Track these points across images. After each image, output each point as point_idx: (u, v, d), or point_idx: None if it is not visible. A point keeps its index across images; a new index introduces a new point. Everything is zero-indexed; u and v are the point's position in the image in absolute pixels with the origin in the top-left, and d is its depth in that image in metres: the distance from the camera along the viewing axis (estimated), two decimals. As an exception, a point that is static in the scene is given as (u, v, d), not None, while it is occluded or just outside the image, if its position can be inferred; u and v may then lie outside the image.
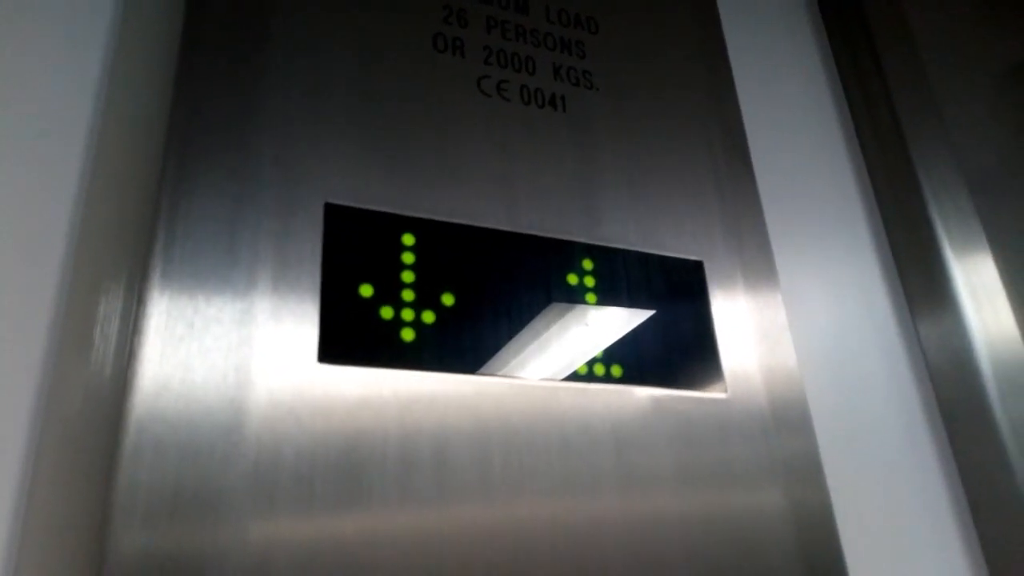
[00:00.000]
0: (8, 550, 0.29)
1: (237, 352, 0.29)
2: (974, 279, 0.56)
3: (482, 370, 0.34)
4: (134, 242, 0.30)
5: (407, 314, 0.33)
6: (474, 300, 0.35)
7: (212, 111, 0.33)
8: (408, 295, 0.33)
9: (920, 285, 0.58)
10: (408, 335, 0.33)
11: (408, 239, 0.35)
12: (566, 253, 0.38)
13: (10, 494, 0.30)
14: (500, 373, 0.34)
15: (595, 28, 0.47)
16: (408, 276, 0.34)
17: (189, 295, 0.29)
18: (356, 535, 0.28)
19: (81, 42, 0.38)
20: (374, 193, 0.35)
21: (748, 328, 0.42)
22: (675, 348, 0.39)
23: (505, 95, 0.41)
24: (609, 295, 0.39)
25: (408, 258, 0.34)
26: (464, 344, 0.34)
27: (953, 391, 0.54)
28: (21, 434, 0.31)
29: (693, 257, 0.42)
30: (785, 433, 0.40)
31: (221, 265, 0.30)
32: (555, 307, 0.37)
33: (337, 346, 0.31)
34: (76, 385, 0.30)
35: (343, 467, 0.29)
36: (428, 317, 0.34)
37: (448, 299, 0.34)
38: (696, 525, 0.35)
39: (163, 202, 0.30)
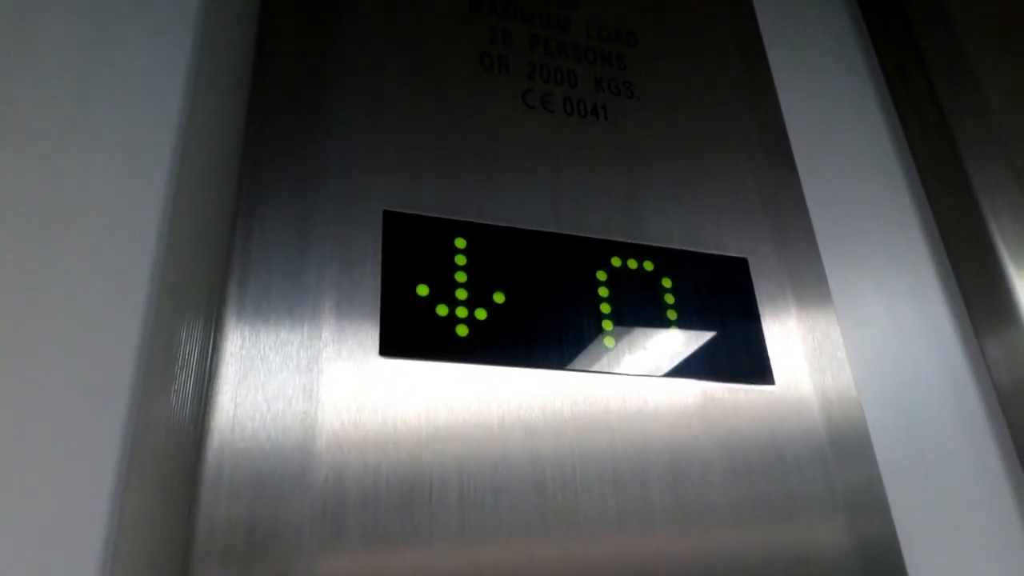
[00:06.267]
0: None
1: (308, 345, 0.32)
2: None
3: (533, 363, 0.36)
4: (215, 245, 0.34)
5: (461, 311, 0.35)
6: (524, 297, 0.37)
7: (283, 127, 0.36)
8: (462, 294, 0.36)
9: (980, 292, 0.55)
10: (462, 331, 0.35)
11: (460, 242, 0.37)
12: (610, 252, 0.40)
13: (105, 499, 0.31)
14: (550, 365, 0.36)
15: (634, 41, 0.49)
16: (461, 276, 0.36)
17: (264, 294, 0.32)
18: (423, 518, 0.30)
19: (163, 72, 0.42)
20: (428, 200, 0.37)
21: (795, 320, 0.43)
22: (722, 342, 0.40)
23: (549, 107, 0.44)
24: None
25: (461, 260, 0.37)
26: (516, 339, 0.36)
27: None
28: (115, 444, 0.32)
29: (737, 254, 0.43)
30: (839, 423, 0.40)
31: (292, 266, 0.33)
32: (603, 304, 0.38)
33: (397, 341, 0.34)
34: (169, 369, 0.33)
35: (403, 447, 0.31)
36: (481, 314, 0.36)
37: (499, 297, 0.36)
38: (753, 538, 0.36)
39: (241, 208, 0.33)
